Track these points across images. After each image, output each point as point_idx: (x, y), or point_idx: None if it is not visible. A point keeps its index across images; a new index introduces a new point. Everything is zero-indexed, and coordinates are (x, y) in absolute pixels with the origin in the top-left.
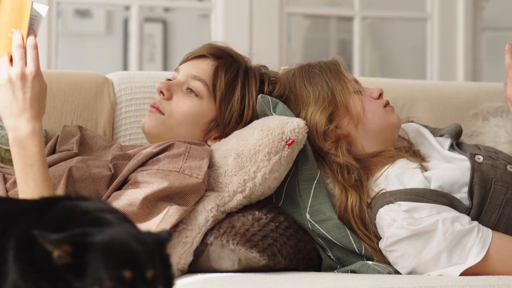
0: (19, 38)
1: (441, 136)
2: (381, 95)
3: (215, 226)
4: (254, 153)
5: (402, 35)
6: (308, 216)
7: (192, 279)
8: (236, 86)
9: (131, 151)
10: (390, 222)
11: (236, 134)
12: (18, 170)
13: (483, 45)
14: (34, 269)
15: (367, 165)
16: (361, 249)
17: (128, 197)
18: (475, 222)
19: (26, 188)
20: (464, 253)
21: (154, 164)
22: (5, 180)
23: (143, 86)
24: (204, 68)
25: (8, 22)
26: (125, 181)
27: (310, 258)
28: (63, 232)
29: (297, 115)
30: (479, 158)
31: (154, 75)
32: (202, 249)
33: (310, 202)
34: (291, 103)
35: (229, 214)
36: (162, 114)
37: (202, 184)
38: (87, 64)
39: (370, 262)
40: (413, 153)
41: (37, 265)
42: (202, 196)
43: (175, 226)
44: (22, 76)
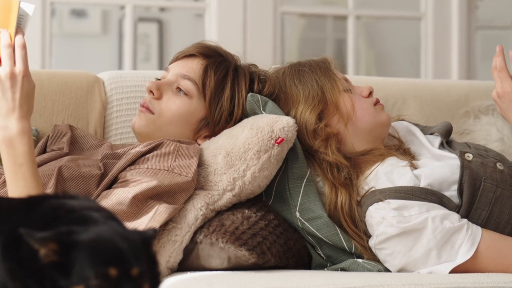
0: (7, 37)
1: (431, 134)
2: (371, 94)
3: (205, 225)
4: (243, 151)
5: (398, 34)
6: (298, 214)
7: (181, 277)
8: (225, 85)
9: (121, 150)
10: (380, 220)
11: (226, 133)
12: (7, 169)
13: (478, 44)
14: (21, 267)
15: (357, 163)
16: (351, 247)
17: (117, 196)
18: (465, 220)
19: (16, 187)
20: (453, 251)
21: (144, 163)
22: None
23: (134, 85)
24: (193, 67)
25: None
26: (114, 180)
27: (300, 256)
28: (50, 230)
29: (287, 114)
30: (469, 156)
31: (145, 74)
32: (191, 247)
33: (300, 200)
34: (281, 102)
35: (218, 213)
36: (152, 113)
37: (191, 182)
38: (83, 64)
39: (360, 260)
40: (403, 151)
41: (23, 263)
42: (192, 194)
43: (165, 225)
44: (11, 75)
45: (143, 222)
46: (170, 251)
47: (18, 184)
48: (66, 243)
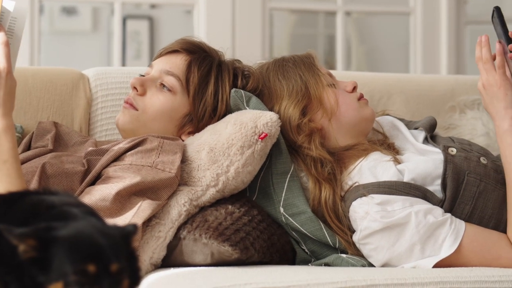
0: None
1: (415, 129)
2: (355, 89)
3: (188, 220)
4: (227, 147)
5: (389, 30)
6: (282, 209)
7: (165, 273)
8: (209, 81)
9: (105, 147)
10: (363, 215)
11: (209, 129)
12: None
13: (467, 39)
14: (0, 263)
15: (341, 158)
16: (335, 242)
17: (100, 192)
18: (448, 214)
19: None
20: (437, 245)
21: (127, 159)
22: None
23: (119, 82)
24: (177, 63)
25: None
26: (98, 176)
27: (284, 251)
28: (29, 226)
29: (270, 109)
30: (452, 151)
31: (130, 71)
32: (175, 243)
33: (284, 195)
34: (265, 97)
35: (202, 208)
36: (136, 109)
37: (175, 178)
38: (73, 61)
39: (344, 255)
40: (387, 146)
41: (2, 259)
42: (175, 190)
43: (148, 221)
44: None
45: (126, 218)
46: (153, 247)
47: (1, 180)
48: (45, 239)
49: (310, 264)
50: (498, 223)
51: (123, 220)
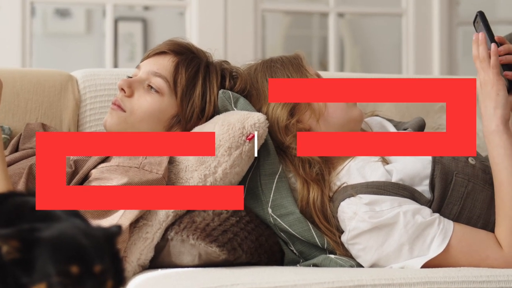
0: None
1: (404, 129)
2: None
3: (176, 221)
4: (215, 148)
5: (383, 31)
6: (270, 210)
7: (152, 275)
8: (197, 82)
9: None
10: (352, 215)
11: (197, 130)
12: None
13: (459, 39)
14: None
15: (329, 158)
16: (323, 243)
17: None
18: (436, 214)
19: None
20: (425, 245)
21: (114, 160)
22: None
23: (108, 83)
24: (164, 64)
25: None
26: (85, 177)
27: (272, 252)
28: (12, 227)
29: (258, 110)
30: None
31: (119, 72)
32: (163, 244)
33: (272, 196)
34: (253, 98)
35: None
36: (124, 111)
37: (162, 179)
38: (67, 64)
39: (332, 256)
40: None
41: None
42: None
43: (136, 222)
44: None
45: (114, 219)
46: (141, 249)
47: None
48: (28, 240)
49: (298, 265)
50: (486, 223)
51: (110, 221)
